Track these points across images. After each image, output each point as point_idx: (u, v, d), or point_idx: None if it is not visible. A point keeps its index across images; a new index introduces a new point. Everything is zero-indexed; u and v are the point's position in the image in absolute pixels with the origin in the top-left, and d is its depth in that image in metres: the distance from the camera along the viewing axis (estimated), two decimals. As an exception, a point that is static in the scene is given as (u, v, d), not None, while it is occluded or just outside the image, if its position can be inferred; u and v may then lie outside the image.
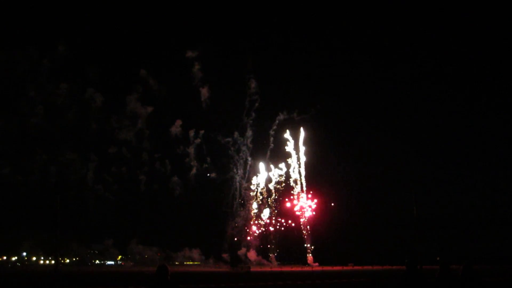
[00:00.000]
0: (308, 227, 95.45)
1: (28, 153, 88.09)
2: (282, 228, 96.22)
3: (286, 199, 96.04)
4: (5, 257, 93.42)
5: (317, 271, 67.47)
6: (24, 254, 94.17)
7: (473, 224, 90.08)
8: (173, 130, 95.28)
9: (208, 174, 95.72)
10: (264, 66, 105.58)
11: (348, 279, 44.99)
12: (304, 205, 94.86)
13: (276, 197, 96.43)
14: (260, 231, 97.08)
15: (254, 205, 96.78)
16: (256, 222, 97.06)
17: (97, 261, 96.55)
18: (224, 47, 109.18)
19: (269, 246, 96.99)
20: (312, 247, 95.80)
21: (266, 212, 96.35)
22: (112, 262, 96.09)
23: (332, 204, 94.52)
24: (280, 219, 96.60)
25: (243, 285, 37.28)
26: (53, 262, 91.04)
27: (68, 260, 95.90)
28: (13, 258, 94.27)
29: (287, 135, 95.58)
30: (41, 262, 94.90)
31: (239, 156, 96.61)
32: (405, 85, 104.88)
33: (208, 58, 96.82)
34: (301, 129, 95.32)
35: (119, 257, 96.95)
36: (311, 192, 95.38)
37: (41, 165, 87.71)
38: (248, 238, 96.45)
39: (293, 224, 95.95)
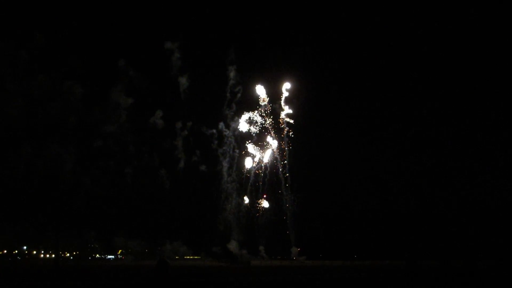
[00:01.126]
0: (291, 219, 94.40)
1: (12, 147, 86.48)
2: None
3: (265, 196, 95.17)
4: (5, 251, 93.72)
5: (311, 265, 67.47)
6: (25, 248, 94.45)
7: (475, 220, 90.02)
8: (156, 122, 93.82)
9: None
10: (246, 56, 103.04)
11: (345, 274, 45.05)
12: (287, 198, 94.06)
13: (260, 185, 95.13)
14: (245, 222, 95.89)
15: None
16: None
17: (98, 255, 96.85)
18: (204, 37, 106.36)
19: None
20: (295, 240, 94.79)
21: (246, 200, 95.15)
22: (113, 256, 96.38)
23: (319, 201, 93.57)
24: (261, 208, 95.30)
25: (244, 279, 37.35)
26: (53, 256, 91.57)
27: (68, 254, 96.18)
28: (14, 252, 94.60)
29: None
30: (42, 256, 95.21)
31: (223, 149, 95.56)
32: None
33: (188, 48, 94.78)
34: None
35: (119, 251, 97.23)
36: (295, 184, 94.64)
37: (26, 159, 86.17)
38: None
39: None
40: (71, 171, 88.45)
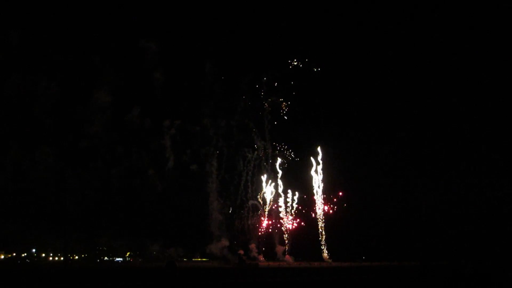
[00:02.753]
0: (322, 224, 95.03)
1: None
2: (295, 225, 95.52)
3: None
4: (14, 254, 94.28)
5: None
6: (34, 250, 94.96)
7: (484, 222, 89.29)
8: (135, 120, 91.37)
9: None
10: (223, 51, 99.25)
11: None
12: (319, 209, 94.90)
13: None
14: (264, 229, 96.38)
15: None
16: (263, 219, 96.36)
17: (106, 258, 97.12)
18: (183, 31, 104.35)
19: (286, 244, 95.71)
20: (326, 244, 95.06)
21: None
22: (121, 259, 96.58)
23: (345, 205, 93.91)
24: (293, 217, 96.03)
25: (251, 281, 37.23)
26: (62, 258, 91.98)
27: (77, 257, 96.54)
28: (23, 255, 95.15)
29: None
30: (50, 258, 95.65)
31: (206, 148, 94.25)
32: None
33: (165, 43, 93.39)
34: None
35: (128, 253, 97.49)
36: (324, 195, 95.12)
37: (14, 161, 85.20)
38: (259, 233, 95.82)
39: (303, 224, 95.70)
40: (59, 173, 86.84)
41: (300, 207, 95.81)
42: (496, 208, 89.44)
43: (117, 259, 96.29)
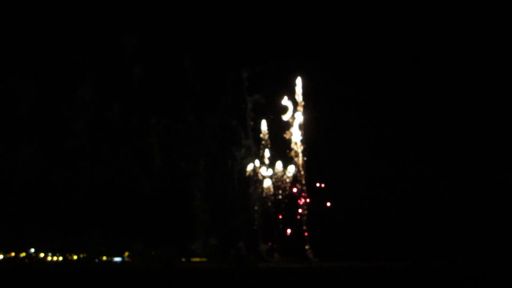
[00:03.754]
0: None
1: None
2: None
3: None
4: (13, 254, 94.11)
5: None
6: (32, 250, 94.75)
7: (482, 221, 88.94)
8: (115, 116, 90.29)
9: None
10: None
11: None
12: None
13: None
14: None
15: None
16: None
17: (104, 258, 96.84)
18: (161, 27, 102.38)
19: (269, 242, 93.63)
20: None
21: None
22: (120, 259, 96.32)
23: (328, 204, 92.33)
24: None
25: (250, 282, 37.00)
26: (60, 258, 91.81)
27: (76, 257, 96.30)
28: (22, 255, 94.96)
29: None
30: (49, 258, 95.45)
31: (192, 146, 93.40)
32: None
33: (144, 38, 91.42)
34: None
35: (126, 253, 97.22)
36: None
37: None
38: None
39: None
40: (46, 172, 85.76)
41: (285, 201, 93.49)
42: (495, 208, 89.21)
43: (116, 259, 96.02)
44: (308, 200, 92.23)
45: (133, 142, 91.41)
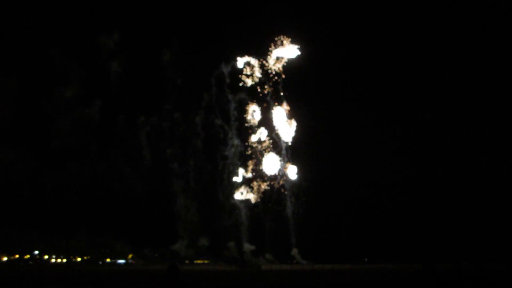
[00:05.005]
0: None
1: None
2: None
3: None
4: (17, 256, 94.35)
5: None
6: (36, 252, 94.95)
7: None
8: (95, 115, 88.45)
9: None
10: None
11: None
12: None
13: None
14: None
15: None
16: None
17: (108, 260, 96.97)
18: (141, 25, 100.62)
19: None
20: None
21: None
22: (123, 261, 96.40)
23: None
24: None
25: (254, 284, 36.98)
26: (64, 260, 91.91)
27: (79, 259, 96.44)
28: (26, 257, 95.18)
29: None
30: (53, 260, 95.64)
31: (177, 146, 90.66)
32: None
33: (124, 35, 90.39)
34: None
35: (130, 255, 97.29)
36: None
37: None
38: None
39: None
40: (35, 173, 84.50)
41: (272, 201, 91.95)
42: (495, 208, 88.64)
43: (119, 261, 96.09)
44: (294, 199, 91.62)
45: (120, 141, 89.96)
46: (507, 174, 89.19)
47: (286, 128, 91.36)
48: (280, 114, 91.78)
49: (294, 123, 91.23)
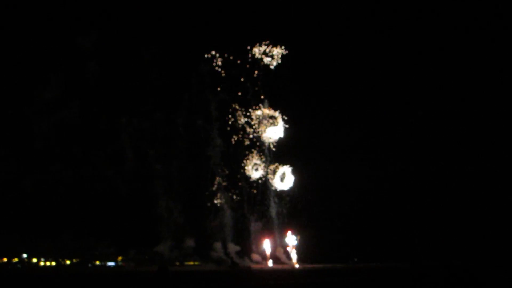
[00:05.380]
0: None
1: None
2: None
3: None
4: (5, 259, 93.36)
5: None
6: (25, 255, 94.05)
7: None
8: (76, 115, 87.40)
9: None
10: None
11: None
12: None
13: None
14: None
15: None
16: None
17: (98, 262, 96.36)
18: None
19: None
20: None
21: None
22: (113, 263, 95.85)
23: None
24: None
25: (245, 284, 37.12)
26: (53, 263, 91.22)
27: (69, 262, 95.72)
28: (14, 260, 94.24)
29: None
30: (42, 263, 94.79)
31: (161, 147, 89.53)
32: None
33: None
34: None
35: (120, 257, 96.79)
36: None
37: None
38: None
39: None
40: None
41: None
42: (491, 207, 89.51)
43: (109, 263, 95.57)
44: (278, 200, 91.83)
45: (103, 143, 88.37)
46: (496, 172, 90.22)
47: (271, 129, 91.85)
48: (264, 115, 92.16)
49: (281, 123, 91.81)
